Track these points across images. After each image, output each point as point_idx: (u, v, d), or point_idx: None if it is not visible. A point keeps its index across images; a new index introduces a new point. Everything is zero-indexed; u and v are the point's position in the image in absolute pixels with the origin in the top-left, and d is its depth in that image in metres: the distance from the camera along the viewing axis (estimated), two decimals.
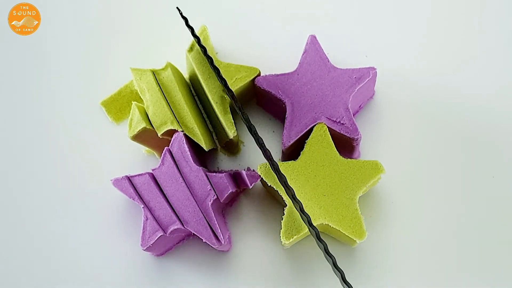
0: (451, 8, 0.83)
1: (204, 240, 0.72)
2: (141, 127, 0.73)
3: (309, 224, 0.68)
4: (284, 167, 0.73)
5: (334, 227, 0.72)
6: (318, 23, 0.83)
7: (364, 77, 0.75)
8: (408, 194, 0.78)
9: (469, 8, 0.83)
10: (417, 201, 0.78)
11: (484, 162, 0.79)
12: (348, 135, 0.74)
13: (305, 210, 0.71)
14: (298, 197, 0.72)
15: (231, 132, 0.75)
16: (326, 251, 0.68)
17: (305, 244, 0.77)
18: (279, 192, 0.73)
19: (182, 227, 0.72)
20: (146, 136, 0.75)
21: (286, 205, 0.72)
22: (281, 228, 0.72)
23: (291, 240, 0.71)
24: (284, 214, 0.72)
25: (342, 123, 0.74)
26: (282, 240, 0.72)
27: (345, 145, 0.76)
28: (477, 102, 0.80)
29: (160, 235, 0.72)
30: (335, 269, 0.67)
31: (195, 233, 0.72)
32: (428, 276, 0.76)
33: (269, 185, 0.73)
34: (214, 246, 0.73)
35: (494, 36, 0.83)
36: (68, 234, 0.78)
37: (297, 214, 0.72)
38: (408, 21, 0.83)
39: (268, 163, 0.73)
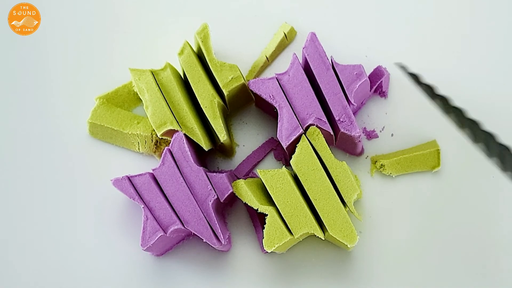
0: (450, 8, 0.83)
1: (204, 240, 0.72)
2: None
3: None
4: (271, 174, 0.73)
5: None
6: (318, 23, 0.83)
7: (364, 73, 0.75)
8: (408, 194, 0.78)
9: (468, 8, 0.83)
10: (417, 201, 0.78)
11: (484, 162, 0.79)
12: (348, 133, 0.74)
13: (294, 216, 0.72)
14: (287, 203, 0.72)
15: (220, 136, 0.75)
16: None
17: (304, 245, 0.77)
18: (253, 207, 0.73)
19: (183, 227, 0.72)
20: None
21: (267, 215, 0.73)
22: (263, 238, 0.72)
23: (273, 248, 0.71)
24: (265, 223, 0.72)
25: (342, 121, 0.74)
26: (265, 248, 0.72)
27: (348, 141, 0.76)
28: (477, 100, 0.80)
29: (160, 235, 0.72)
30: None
31: (196, 233, 0.72)
32: (427, 279, 0.76)
33: (244, 202, 0.73)
34: (214, 246, 0.73)
35: (494, 33, 0.83)
36: (68, 234, 0.78)
37: (278, 223, 0.72)
38: (408, 20, 0.83)
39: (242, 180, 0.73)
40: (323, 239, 0.73)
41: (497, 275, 0.76)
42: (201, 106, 0.75)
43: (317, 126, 0.74)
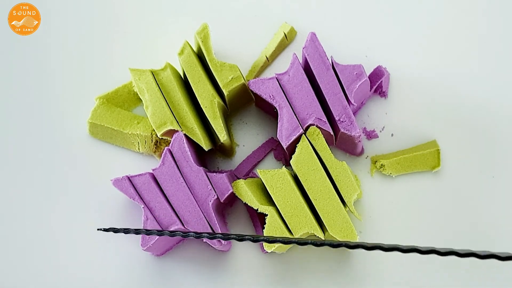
0: (450, 8, 0.83)
1: (204, 240, 0.72)
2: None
3: None
4: (271, 174, 0.73)
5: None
6: (318, 23, 0.83)
7: (364, 73, 0.75)
8: (408, 194, 0.78)
9: (469, 8, 0.83)
10: (416, 201, 0.78)
11: (484, 162, 0.79)
12: (348, 133, 0.74)
13: (294, 216, 0.72)
14: (287, 203, 0.72)
15: (220, 136, 0.75)
16: None
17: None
18: (254, 207, 0.73)
19: (183, 227, 0.72)
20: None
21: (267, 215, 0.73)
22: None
23: (273, 248, 0.72)
24: (265, 223, 0.73)
25: (342, 121, 0.74)
26: (265, 248, 0.72)
27: (348, 141, 0.76)
28: (477, 100, 0.80)
29: None
30: None
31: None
32: (426, 279, 0.76)
33: (244, 202, 0.73)
34: (214, 246, 0.73)
35: (495, 33, 0.82)
36: (68, 234, 0.78)
37: (278, 223, 0.72)
38: (408, 21, 0.83)
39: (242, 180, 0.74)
40: (323, 239, 0.73)
41: (497, 275, 0.76)
42: (201, 106, 0.75)
43: (317, 126, 0.74)
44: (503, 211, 0.78)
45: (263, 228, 0.72)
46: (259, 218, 0.77)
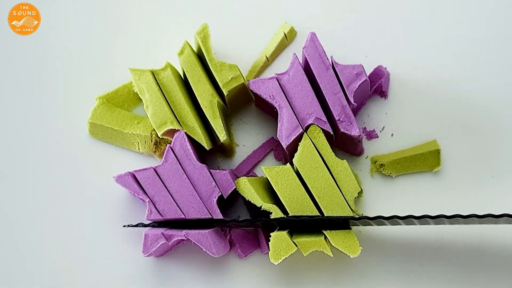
0: (450, 8, 0.83)
1: (204, 250, 0.72)
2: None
3: None
4: (276, 171, 0.73)
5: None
6: (318, 23, 0.83)
7: (364, 73, 0.75)
8: (408, 194, 0.78)
9: (468, 9, 0.83)
10: (417, 201, 0.78)
11: (484, 162, 0.79)
12: (348, 133, 0.74)
13: (300, 213, 0.72)
14: (294, 199, 0.72)
15: (220, 136, 0.75)
16: None
17: None
18: (257, 205, 0.72)
19: (185, 238, 0.71)
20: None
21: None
22: (269, 250, 0.71)
23: (280, 260, 0.71)
24: (270, 236, 0.72)
25: (342, 121, 0.74)
26: (272, 261, 0.71)
27: (348, 141, 0.76)
28: (477, 101, 0.80)
29: (162, 242, 0.71)
30: None
31: (196, 243, 0.71)
32: (426, 279, 0.76)
33: (247, 200, 0.73)
34: (213, 256, 0.72)
35: (494, 33, 0.82)
36: (68, 234, 0.78)
37: (284, 235, 0.71)
38: (408, 21, 0.83)
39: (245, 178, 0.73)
40: (332, 256, 0.72)
41: (497, 276, 0.76)
42: (201, 106, 0.75)
43: (317, 126, 0.74)
44: (503, 211, 0.78)
45: (263, 229, 0.72)
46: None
